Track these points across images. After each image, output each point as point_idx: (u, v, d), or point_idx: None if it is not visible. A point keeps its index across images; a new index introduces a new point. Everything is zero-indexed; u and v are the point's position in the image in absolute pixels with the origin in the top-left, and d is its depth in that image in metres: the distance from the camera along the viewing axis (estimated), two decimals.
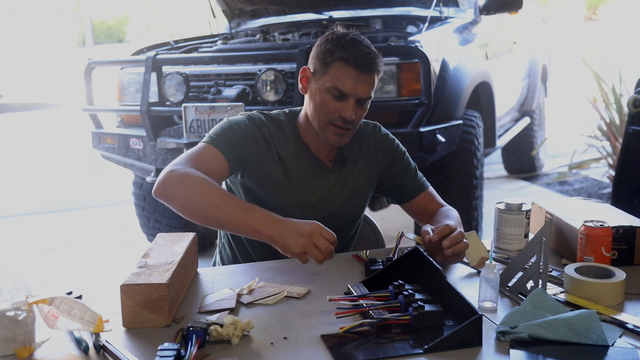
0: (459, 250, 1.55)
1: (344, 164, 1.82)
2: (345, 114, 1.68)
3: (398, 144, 1.91)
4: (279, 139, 1.77)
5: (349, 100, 1.68)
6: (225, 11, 4.39)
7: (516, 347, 1.22)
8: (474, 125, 3.55)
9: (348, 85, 1.66)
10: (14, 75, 15.08)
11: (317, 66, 1.71)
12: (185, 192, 1.54)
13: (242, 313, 1.39)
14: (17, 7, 20.16)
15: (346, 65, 1.66)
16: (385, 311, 1.32)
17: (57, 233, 4.69)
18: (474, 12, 4.12)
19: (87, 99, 3.80)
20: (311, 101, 1.73)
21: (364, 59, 1.66)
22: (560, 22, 17.97)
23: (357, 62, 1.65)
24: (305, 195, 1.78)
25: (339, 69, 1.66)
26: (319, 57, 1.70)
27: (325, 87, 1.68)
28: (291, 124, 1.80)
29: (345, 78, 1.66)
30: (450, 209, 1.86)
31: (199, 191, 1.54)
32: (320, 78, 1.69)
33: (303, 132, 1.79)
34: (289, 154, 1.77)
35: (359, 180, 1.84)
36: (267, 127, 1.77)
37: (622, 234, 1.63)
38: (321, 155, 1.81)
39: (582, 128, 5.46)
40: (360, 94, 1.68)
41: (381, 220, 2.60)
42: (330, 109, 1.69)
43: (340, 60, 1.66)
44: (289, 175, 1.76)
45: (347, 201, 1.83)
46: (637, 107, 2.95)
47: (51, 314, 1.21)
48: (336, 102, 1.68)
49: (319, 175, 1.80)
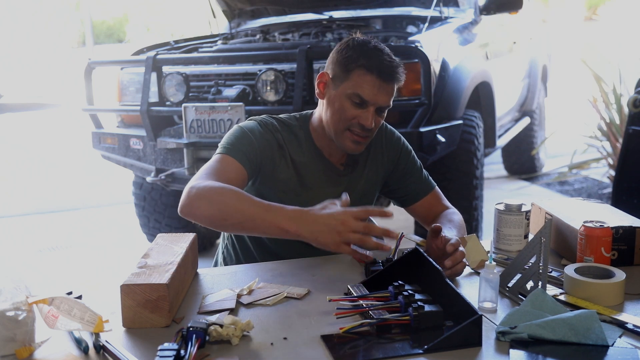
0: (456, 271, 1.54)
1: (354, 167, 1.82)
2: (365, 122, 1.67)
3: (404, 143, 1.90)
4: (292, 144, 1.76)
5: (369, 108, 1.67)
6: (225, 11, 4.39)
7: (516, 347, 1.22)
8: (474, 125, 3.55)
9: (369, 93, 1.65)
10: (14, 75, 15.09)
11: (338, 72, 1.69)
12: (206, 204, 1.50)
13: (242, 313, 1.39)
14: (17, 7, 20.16)
15: (369, 74, 1.64)
16: (385, 311, 1.32)
17: (57, 233, 4.69)
18: (474, 12, 4.12)
19: (87, 99, 3.80)
20: (329, 107, 1.71)
21: (387, 68, 1.65)
22: (560, 22, 17.98)
23: (380, 71, 1.64)
24: (318, 200, 1.75)
25: (360, 77, 1.65)
26: (340, 62, 1.68)
27: (345, 93, 1.67)
28: (303, 128, 1.79)
29: (367, 86, 1.65)
30: (454, 212, 1.85)
31: (220, 200, 1.50)
32: (340, 84, 1.68)
33: (316, 136, 1.78)
34: (302, 159, 1.76)
35: (367, 182, 1.84)
36: (280, 132, 1.75)
37: (621, 234, 1.63)
38: (333, 159, 1.80)
39: (582, 128, 5.46)
40: (380, 103, 1.67)
41: (381, 220, 2.60)
42: (349, 116, 1.68)
43: (363, 67, 1.65)
44: (302, 180, 1.76)
45: (357, 203, 1.80)
46: (637, 107, 2.95)
47: (51, 314, 1.21)
48: (356, 109, 1.67)
49: (332, 179, 1.80)
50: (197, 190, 1.52)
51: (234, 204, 1.49)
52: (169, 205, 3.90)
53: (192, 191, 1.53)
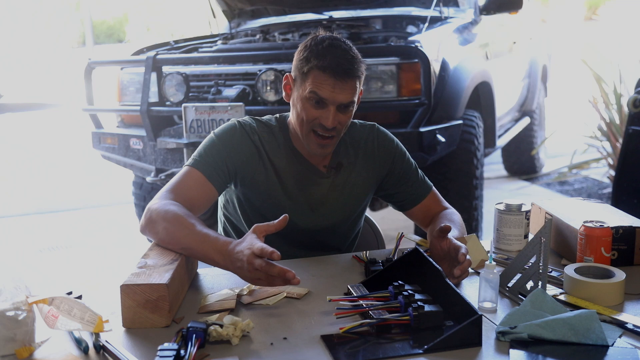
0: (461, 279, 1.53)
1: (338, 169, 1.79)
2: (325, 122, 1.66)
3: (397, 144, 1.86)
4: (271, 146, 1.75)
5: (329, 107, 1.65)
6: (225, 11, 4.39)
7: (516, 347, 1.22)
8: (474, 125, 3.55)
9: (326, 92, 1.64)
10: (14, 75, 15.08)
11: (297, 74, 1.69)
12: (155, 230, 1.55)
13: (242, 313, 1.39)
14: (17, 7, 20.16)
15: (323, 74, 1.63)
16: (385, 311, 1.32)
17: (57, 233, 4.68)
18: (474, 12, 4.12)
19: (87, 99, 3.80)
20: (293, 109, 1.72)
21: (341, 66, 1.63)
22: (560, 22, 17.97)
23: (333, 70, 1.63)
24: (300, 202, 1.76)
25: (316, 77, 1.64)
26: (298, 65, 1.69)
27: (305, 94, 1.66)
28: (282, 130, 1.78)
29: (322, 86, 1.64)
30: (453, 212, 1.83)
31: (164, 227, 1.53)
32: (300, 86, 1.68)
33: (294, 138, 1.77)
34: (281, 161, 1.75)
35: (356, 184, 1.81)
36: (257, 133, 1.75)
37: (621, 234, 1.64)
38: (314, 161, 1.78)
39: (582, 128, 5.46)
40: (340, 100, 1.65)
41: (381, 220, 2.60)
42: (310, 117, 1.67)
43: (316, 68, 1.64)
44: (282, 182, 1.75)
45: (346, 206, 1.81)
46: (637, 107, 2.95)
47: (51, 314, 1.21)
48: (316, 110, 1.66)
49: (312, 181, 1.77)
50: (151, 214, 1.57)
51: (175, 233, 1.52)
52: None
53: (147, 214, 1.58)
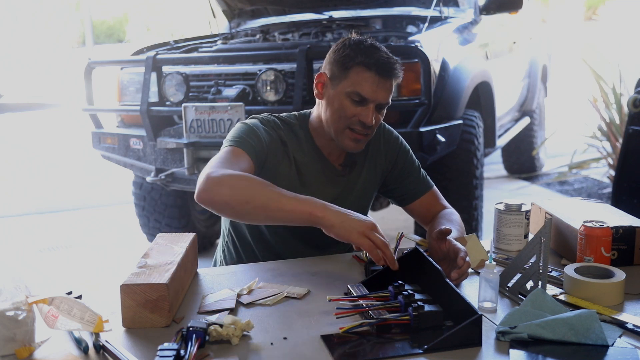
0: (460, 281, 1.53)
1: (352, 167, 1.83)
2: (365, 119, 1.68)
3: (402, 142, 1.90)
4: (293, 143, 1.77)
5: (369, 105, 1.68)
6: (225, 11, 4.39)
7: (516, 347, 1.22)
8: (474, 125, 3.55)
9: (369, 90, 1.66)
10: (14, 75, 15.08)
11: (336, 71, 1.70)
12: (228, 188, 1.51)
13: (242, 313, 1.39)
14: (17, 7, 20.16)
15: (367, 71, 1.66)
16: (385, 311, 1.32)
17: (57, 233, 4.69)
18: (474, 12, 4.12)
19: (87, 99, 3.80)
20: (328, 106, 1.72)
21: (385, 65, 1.66)
22: (560, 22, 17.97)
23: (378, 68, 1.65)
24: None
25: (359, 74, 1.66)
26: (338, 61, 1.69)
27: (345, 91, 1.68)
28: (303, 127, 1.79)
29: (366, 83, 1.66)
30: (452, 212, 1.84)
31: (243, 184, 1.51)
32: (339, 83, 1.69)
33: (316, 135, 1.79)
34: (303, 158, 1.77)
35: (365, 183, 1.84)
36: (281, 129, 1.76)
37: (621, 234, 1.64)
38: (332, 159, 1.81)
39: (582, 128, 5.46)
40: (380, 99, 1.68)
41: (381, 220, 2.60)
42: (349, 114, 1.69)
43: (361, 65, 1.66)
44: (302, 179, 1.76)
45: (355, 204, 1.81)
46: (637, 107, 2.95)
47: (51, 313, 1.21)
48: (356, 107, 1.68)
49: (330, 179, 1.80)
50: (216, 176, 1.52)
51: (259, 188, 1.51)
52: (169, 205, 3.90)
53: (211, 177, 1.52)
